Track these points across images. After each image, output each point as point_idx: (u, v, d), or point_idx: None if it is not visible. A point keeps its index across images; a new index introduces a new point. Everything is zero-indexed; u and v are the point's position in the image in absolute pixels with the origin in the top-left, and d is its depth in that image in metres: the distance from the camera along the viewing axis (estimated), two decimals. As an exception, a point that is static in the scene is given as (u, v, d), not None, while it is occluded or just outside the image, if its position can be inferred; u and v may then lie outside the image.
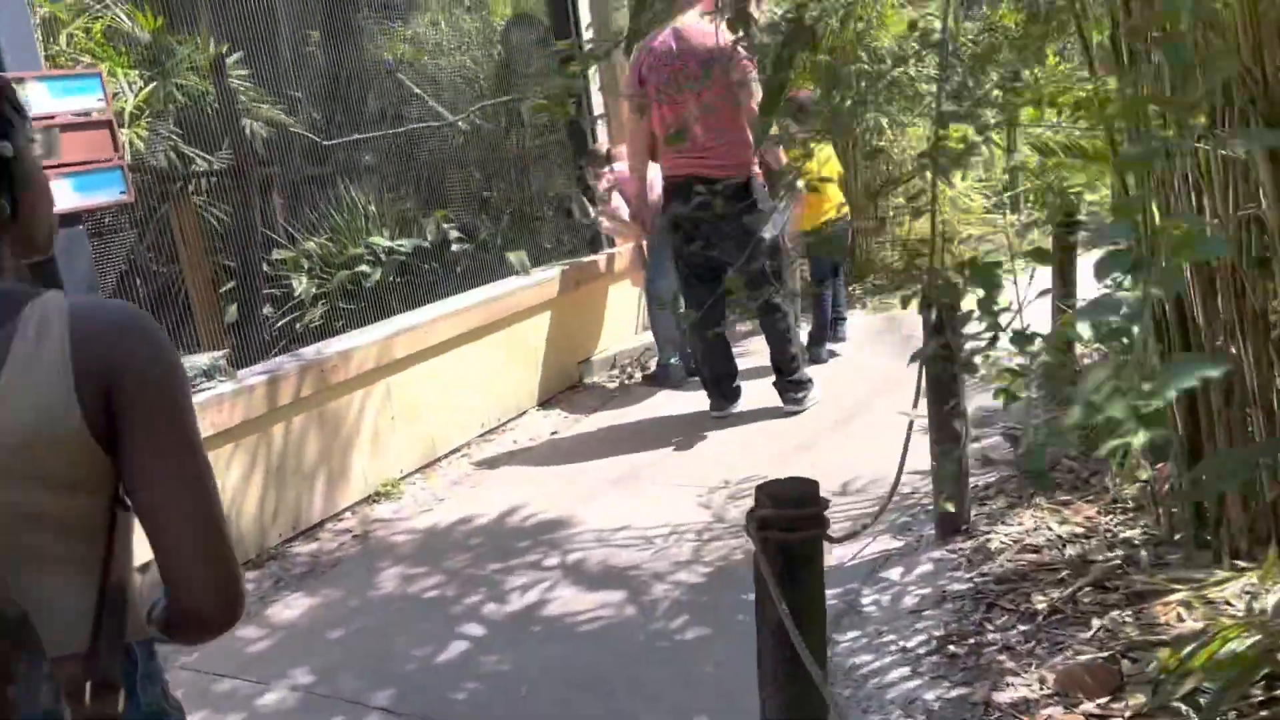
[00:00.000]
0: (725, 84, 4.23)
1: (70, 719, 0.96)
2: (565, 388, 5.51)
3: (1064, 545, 2.96)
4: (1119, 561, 2.74)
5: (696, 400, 4.94)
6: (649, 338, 5.95)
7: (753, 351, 5.58)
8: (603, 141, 5.81)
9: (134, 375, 1.01)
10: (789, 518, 1.57)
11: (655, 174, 5.15)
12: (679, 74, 4.33)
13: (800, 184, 4.67)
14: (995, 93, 3.00)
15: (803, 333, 5.26)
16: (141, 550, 1.09)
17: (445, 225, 6.21)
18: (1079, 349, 4.40)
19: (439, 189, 6.51)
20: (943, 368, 3.10)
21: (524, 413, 5.21)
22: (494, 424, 5.02)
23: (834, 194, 5.31)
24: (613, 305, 5.94)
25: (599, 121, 5.89)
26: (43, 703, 0.93)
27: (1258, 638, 2.01)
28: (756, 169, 4.45)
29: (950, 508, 3.13)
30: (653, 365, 5.62)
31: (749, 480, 3.98)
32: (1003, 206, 7.72)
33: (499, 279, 5.44)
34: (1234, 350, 2.57)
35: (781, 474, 3.96)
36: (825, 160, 5.12)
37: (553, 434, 4.95)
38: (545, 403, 5.35)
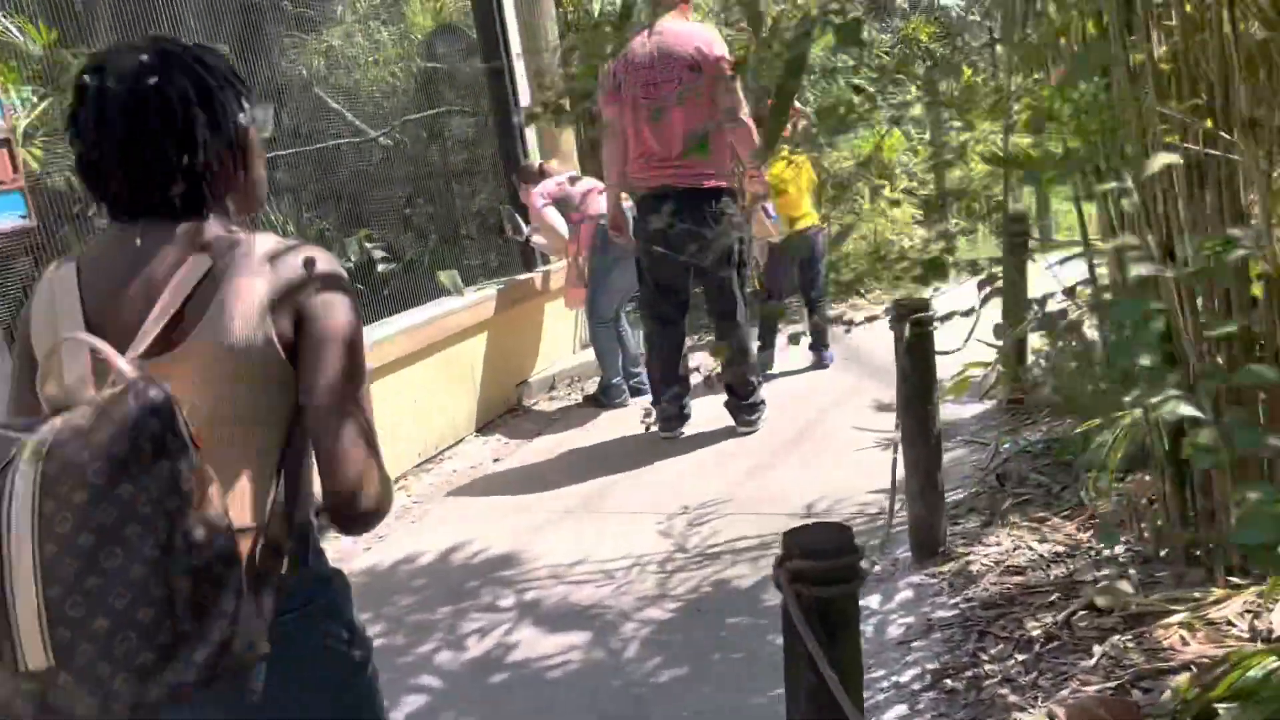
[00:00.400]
0: (707, 93, 4.08)
1: (243, 570, 1.14)
2: (504, 411, 5.29)
3: (1048, 565, 2.86)
4: (1109, 582, 2.64)
5: (637, 420, 4.77)
6: (587, 356, 5.76)
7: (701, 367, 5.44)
8: (534, 156, 5.62)
9: (317, 306, 1.25)
10: (825, 569, 1.41)
11: (575, 185, 5.03)
12: (658, 81, 4.13)
13: (768, 197, 4.56)
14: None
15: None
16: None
17: (368, 245, 5.94)
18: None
19: (360, 207, 6.23)
20: (919, 381, 2.99)
21: (462, 440, 4.98)
22: (432, 453, 4.78)
23: (809, 205, 5.24)
24: (549, 324, 5.75)
25: (529, 135, 5.69)
26: (219, 545, 1.11)
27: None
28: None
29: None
30: (593, 386, 5.43)
31: (708, 505, 3.82)
32: (932, 217, 7.76)
33: (429, 300, 5.19)
34: (1220, 360, 2.50)
35: (740, 498, 3.86)
36: (801, 171, 5.04)
37: (495, 461, 4.73)
38: (484, 428, 5.12)
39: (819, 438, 4.36)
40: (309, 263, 1.26)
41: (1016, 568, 2.89)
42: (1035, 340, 4.35)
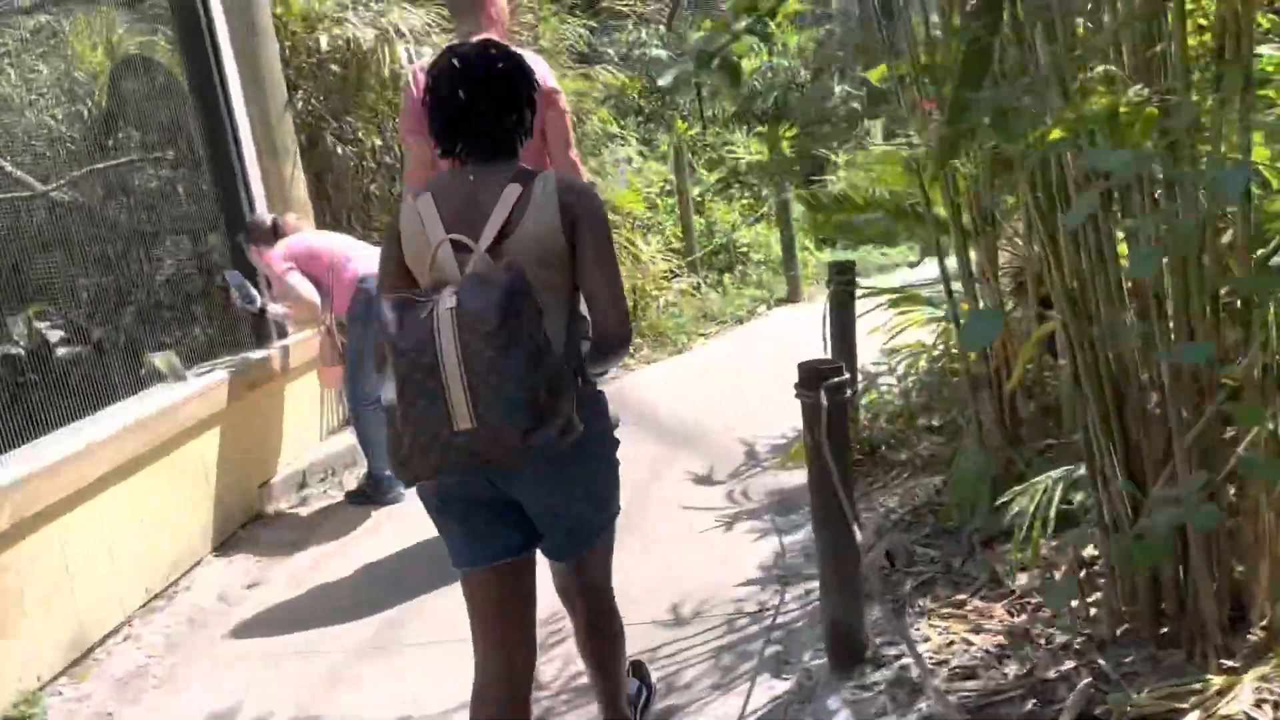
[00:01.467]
0: (539, 128, 3.44)
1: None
2: (247, 520, 4.32)
3: (999, 662, 2.47)
4: (1090, 679, 2.29)
5: (426, 518, 4.00)
6: (338, 443, 4.92)
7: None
8: (264, 211, 4.73)
9: (586, 215, 1.98)
10: None
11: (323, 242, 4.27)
12: None
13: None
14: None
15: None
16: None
17: (39, 325, 4.73)
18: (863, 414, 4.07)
19: (24, 279, 4.98)
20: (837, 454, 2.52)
21: (199, 562, 3.97)
22: (162, 585, 3.75)
23: None
24: (292, 408, 4.82)
25: (254, 183, 4.78)
26: (559, 362, 1.87)
27: None
28: None
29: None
30: (352, 479, 4.59)
31: (551, 619, 3.15)
32: (682, 270, 7.52)
33: (140, 390, 4.14)
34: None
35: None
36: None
37: (248, 588, 3.78)
38: (224, 545, 4.14)
39: (650, 520, 3.82)
40: (579, 188, 2.02)
41: (964, 669, 2.48)
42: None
